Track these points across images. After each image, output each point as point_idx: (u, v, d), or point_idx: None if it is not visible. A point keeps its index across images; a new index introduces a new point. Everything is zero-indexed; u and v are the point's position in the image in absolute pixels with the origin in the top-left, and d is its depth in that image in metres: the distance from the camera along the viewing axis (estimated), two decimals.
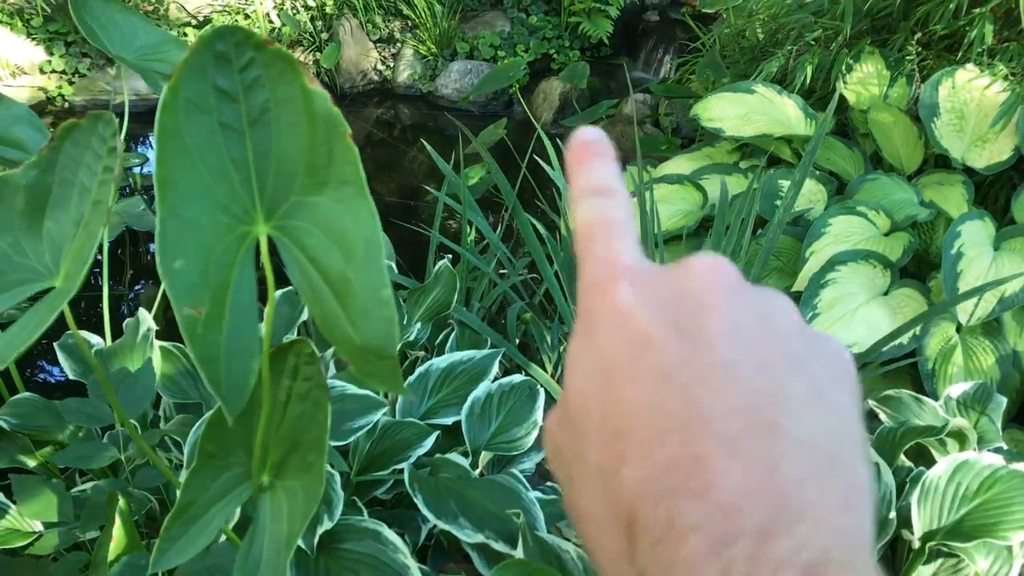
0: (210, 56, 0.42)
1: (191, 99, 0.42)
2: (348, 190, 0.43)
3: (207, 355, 0.40)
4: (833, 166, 2.30)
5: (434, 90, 4.35)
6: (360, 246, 0.42)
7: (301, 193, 0.44)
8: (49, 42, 3.98)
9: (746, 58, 3.19)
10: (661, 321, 0.26)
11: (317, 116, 0.43)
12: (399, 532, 1.17)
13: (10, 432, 1.16)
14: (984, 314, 1.73)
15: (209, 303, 0.40)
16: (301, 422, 0.52)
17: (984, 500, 1.06)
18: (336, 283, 0.42)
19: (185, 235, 0.41)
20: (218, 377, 0.40)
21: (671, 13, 4.85)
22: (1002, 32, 2.35)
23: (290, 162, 0.44)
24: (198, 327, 0.40)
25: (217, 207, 0.43)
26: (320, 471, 0.50)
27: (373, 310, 0.42)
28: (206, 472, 0.54)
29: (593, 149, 0.32)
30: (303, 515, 0.49)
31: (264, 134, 0.44)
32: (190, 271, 0.40)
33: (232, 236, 0.43)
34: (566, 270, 1.86)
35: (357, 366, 0.42)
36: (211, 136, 0.43)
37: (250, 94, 0.43)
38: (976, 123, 2.12)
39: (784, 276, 1.99)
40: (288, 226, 0.44)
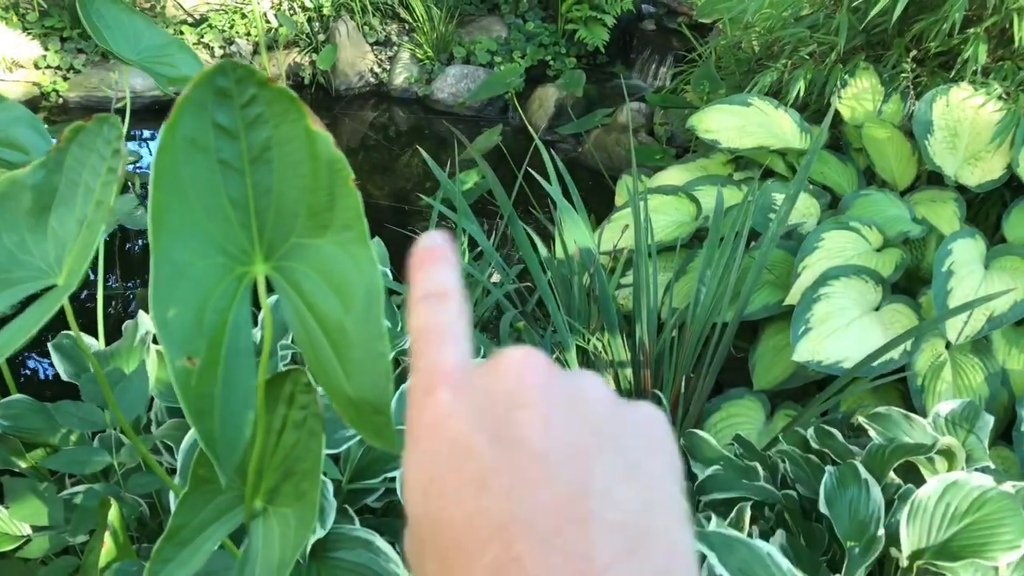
0: (211, 92, 0.42)
1: (189, 137, 0.41)
2: (350, 235, 0.42)
3: (200, 408, 0.39)
4: (826, 180, 2.31)
5: (430, 94, 4.36)
6: (360, 296, 0.41)
7: (301, 235, 0.43)
8: (44, 37, 3.96)
9: (742, 70, 3.20)
10: (478, 426, 0.26)
11: (320, 158, 0.42)
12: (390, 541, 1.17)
13: (1, 434, 1.16)
14: (973, 332, 1.74)
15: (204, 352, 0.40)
16: (296, 451, 0.52)
17: (973, 520, 1.07)
18: (333, 332, 0.42)
19: (179, 281, 0.40)
20: (212, 431, 0.39)
21: (667, 23, 4.87)
22: (996, 51, 2.37)
23: (291, 202, 0.43)
24: (192, 379, 0.39)
25: (214, 248, 0.42)
26: (313, 500, 0.50)
27: (369, 363, 0.41)
28: (198, 496, 0.54)
29: (435, 254, 0.32)
30: (295, 543, 0.49)
31: (265, 172, 0.43)
32: (184, 320, 0.39)
33: (229, 278, 0.42)
34: (560, 279, 1.87)
35: (349, 418, 0.42)
36: (209, 174, 0.42)
37: (251, 131, 0.42)
38: (969, 141, 2.14)
39: (777, 290, 2.00)
40: (286, 267, 0.43)
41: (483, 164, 1.84)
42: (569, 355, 1.80)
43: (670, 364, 1.86)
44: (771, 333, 2.02)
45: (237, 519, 0.55)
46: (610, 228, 2.28)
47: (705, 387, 1.86)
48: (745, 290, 1.83)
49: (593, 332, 1.88)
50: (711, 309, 1.83)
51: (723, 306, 1.83)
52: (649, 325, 1.85)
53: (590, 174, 3.81)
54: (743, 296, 1.83)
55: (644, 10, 4.96)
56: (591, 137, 3.88)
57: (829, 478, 1.22)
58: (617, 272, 2.04)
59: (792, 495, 1.35)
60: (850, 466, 1.23)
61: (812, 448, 1.47)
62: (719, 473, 1.37)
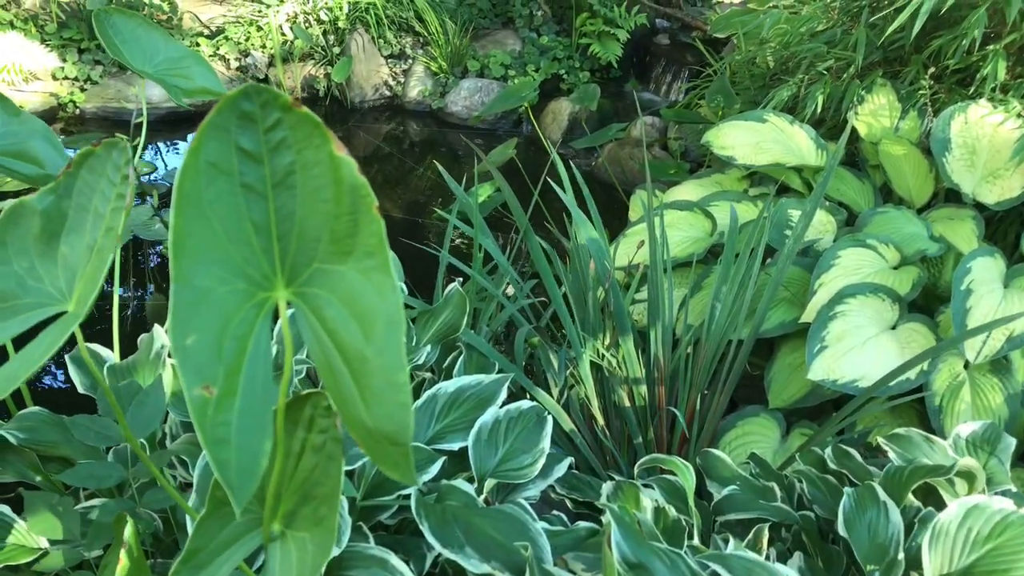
0: (235, 116, 0.41)
1: (212, 161, 0.41)
2: (372, 262, 0.42)
3: (217, 436, 0.39)
4: (843, 197, 2.30)
5: (444, 107, 4.37)
6: (381, 325, 0.41)
7: (324, 260, 0.43)
8: (63, 48, 4.00)
9: (756, 85, 3.20)
10: None
11: (343, 183, 0.42)
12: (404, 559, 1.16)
13: (17, 447, 1.16)
14: (992, 352, 1.73)
15: (222, 380, 0.39)
16: (315, 475, 0.51)
17: (996, 545, 1.05)
18: (353, 360, 0.41)
19: (199, 307, 0.39)
20: (228, 460, 0.39)
21: (682, 37, 4.87)
22: (1015, 68, 2.36)
23: (314, 227, 0.43)
24: (208, 408, 0.39)
25: (235, 273, 0.42)
26: (332, 525, 0.49)
27: (388, 394, 0.40)
28: (216, 519, 0.53)
29: None
30: (313, 567, 0.49)
31: (288, 197, 0.43)
32: (203, 347, 0.39)
33: (250, 304, 0.42)
34: (574, 293, 1.86)
35: (367, 448, 0.41)
36: (232, 198, 0.42)
37: (275, 156, 0.42)
38: (988, 158, 2.13)
39: (793, 307, 1.99)
40: (308, 293, 0.43)
41: (499, 176, 1.84)
42: (583, 370, 1.79)
43: (685, 381, 1.85)
44: (787, 351, 2.00)
45: (254, 542, 0.55)
46: (625, 243, 2.27)
47: (720, 404, 1.85)
48: (761, 307, 1.82)
49: (607, 348, 1.87)
50: (726, 326, 1.82)
51: (739, 323, 1.82)
52: (664, 341, 1.84)
53: (603, 188, 3.80)
54: (759, 313, 1.82)
55: (658, 25, 4.97)
56: (605, 151, 3.88)
57: (848, 500, 1.21)
58: (632, 287, 2.03)
59: (810, 516, 1.34)
60: (869, 488, 1.22)
61: (829, 468, 1.46)
62: (736, 493, 1.36)
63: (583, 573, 1.13)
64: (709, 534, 1.37)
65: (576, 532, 1.22)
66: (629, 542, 0.94)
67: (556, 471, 1.43)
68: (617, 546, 0.93)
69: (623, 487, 1.31)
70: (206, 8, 4.72)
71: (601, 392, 1.90)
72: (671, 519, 1.25)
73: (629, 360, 1.81)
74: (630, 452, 1.90)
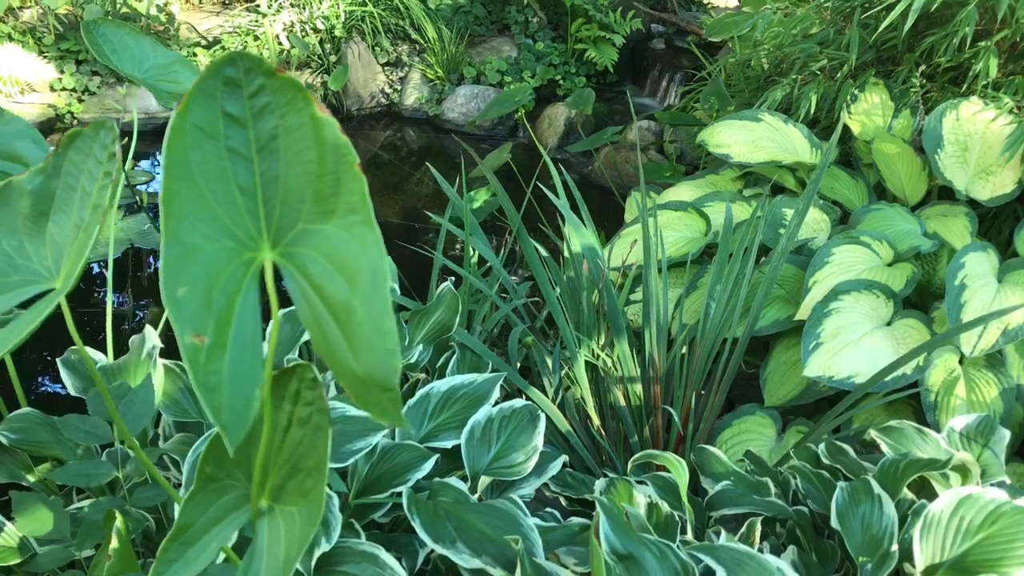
0: (220, 82, 0.43)
1: (199, 124, 0.42)
2: (355, 219, 0.43)
3: (209, 383, 0.40)
4: (837, 195, 2.31)
5: (440, 114, 4.38)
6: (365, 276, 0.42)
7: (308, 221, 0.44)
8: (60, 60, 4.01)
9: (751, 87, 3.21)
10: None
11: (326, 144, 0.43)
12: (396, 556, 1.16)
13: (9, 447, 1.16)
14: (987, 346, 1.73)
15: (212, 331, 0.40)
16: (301, 447, 0.52)
17: (987, 535, 1.05)
18: (339, 312, 0.42)
19: (188, 262, 0.41)
20: (220, 405, 0.40)
21: (677, 42, 4.89)
22: (1007, 65, 2.36)
23: (298, 189, 0.44)
24: (200, 355, 0.40)
25: (223, 232, 0.43)
26: (319, 497, 0.49)
27: (376, 341, 0.41)
28: (204, 494, 0.54)
29: None
30: (301, 540, 0.49)
31: (272, 160, 0.44)
32: (193, 298, 0.40)
33: (238, 262, 0.43)
34: (569, 294, 1.86)
35: (357, 396, 0.42)
36: (218, 161, 0.43)
37: (259, 120, 0.44)
38: (980, 155, 2.13)
39: (787, 305, 1.99)
40: (294, 253, 0.44)
41: (492, 178, 1.85)
42: (578, 371, 1.79)
43: (680, 380, 1.85)
44: (782, 349, 2.00)
45: (243, 518, 0.55)
46: (620, 244, 2.28)
47: (716, 403, 1.85)
48: (755, 305, 1.82)
49: (602, 348, 1.87)
50: (721, 324, 1.82)
51: (733, 321, 1.82)
52: (659, 340, 1.84)
53: (600, 192, 3.81)
54: (753, 311, 1.82)
55: (654, 29, 4.99)
56: (601, 155, 3.89)
57: (841, 493, 1.21)
58: (626, 288, 2.03)
59: (804, 511, 1.34)
60: (863, 482, 1.22)
61: (823, 464, 1.46)
62: (729, 488, 1.36)
63: (575, 567, 1.13)
64: (704, 530, 1.36)
65: (569, 528, 1.22)
66: (618, 534, 0.94)
67: (550, 469, 1.43)
68: (606, 538, 0.93)
69: (616, 483, 1.30)
70: (204, 19, 4.74)
71: (596, 392, 1.90)
72: (664, 514, 1.25)
73: (624, 359, 1.81)
74: (626, 452, 1.90)
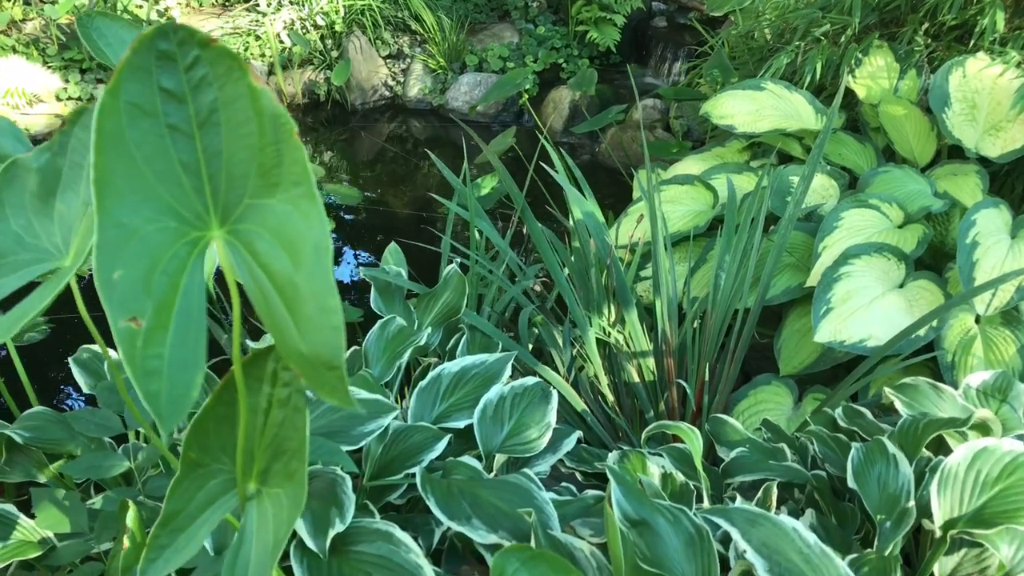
0: (153, 56, 0.41)
1: (134, 102, 0.41)
2: (299, 191, 0.42)
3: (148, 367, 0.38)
4: (845, 161, 2.28)
5: (444, 103, 4.37)
6: (308, 252, 0.41)
7: (254, 196, 0.43)
8: (64, 70, 4.04)
9: (754, 59, 3.18)
10: None
11: (264, 114, 0.42)
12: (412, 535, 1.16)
13: (23, 446, 1.17)
14: (1002, 303, 1.70)
15: (152, 313, 0.39)
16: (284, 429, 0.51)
17: (1006, 486, 1.03)
18: (284, 289, 0.41)
19: (127, 244, 0.39)
20: (158, 392, 0.39)
21: (679, 19, 4.85)
22: (1012, 20, 2.32)
23: (242, 163, 0.43)
24: (138, 339, 0.38)
25: (166, 212, 0.42)
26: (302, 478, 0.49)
27: (320, 318, 0.41)
28: (191, 480, 0.53)
29: None
30: (288, 522, 0.49)
31: (214, 135, 0.43)
32: (130, 281, 0.39)
33: (182, 242, 0.42)
34: (577, 272, 1.86)
35: (306, 375, 0.41)
36: (158, 139, 0.42)
37: (198, 94, 0.42)
38: (989, 112, 2.10)
39: (798, 272, 1.97)
40: (241, 230, 0.43)
41: (496, 161, 1.84)
42: (589, 348, 1.78)
43: (693, 353, 1.84)
44: (795, 317, 1.99)
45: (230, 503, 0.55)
46: (627, 221, 2.26)
47: (730, 374, 1.84)
48: (765, 274, 1.80)
49: (613, 325, 1.86)
50: (732, 295, 1.80)
51: (744, 292, 1.81)
52: (670, 314, 1.83)
53: (608, 173, 3.80)
54: (763, 280, 1.80)
55: (655, 7, 4.95)
56: (607, 136, 3.87)
57: (856, 453, 1.20)
58: (634, 264, 2.02)
59: (822, 475, 1.32)
60: (877, 441, 1.20)
61: (841, 428, 1.44)
62: (744, 455, 1.35)
63: (591, 538, 1.13)
64: (720, 499, 1.36)
65: (584, 500, 1.21)
66: (630, 500, 0.94)
67: (564, 445, 1.42)
68: (618, 504, 0.92)
69: (629, 455, 1.30)
70: (204, 21, 4.75)
71: (610, 369, 1.89)
72: (679, 483, 1.24)
73: (635, 335, 1.80)
74: (642, 428, 1.89)
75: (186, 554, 0.54)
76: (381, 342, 1.51)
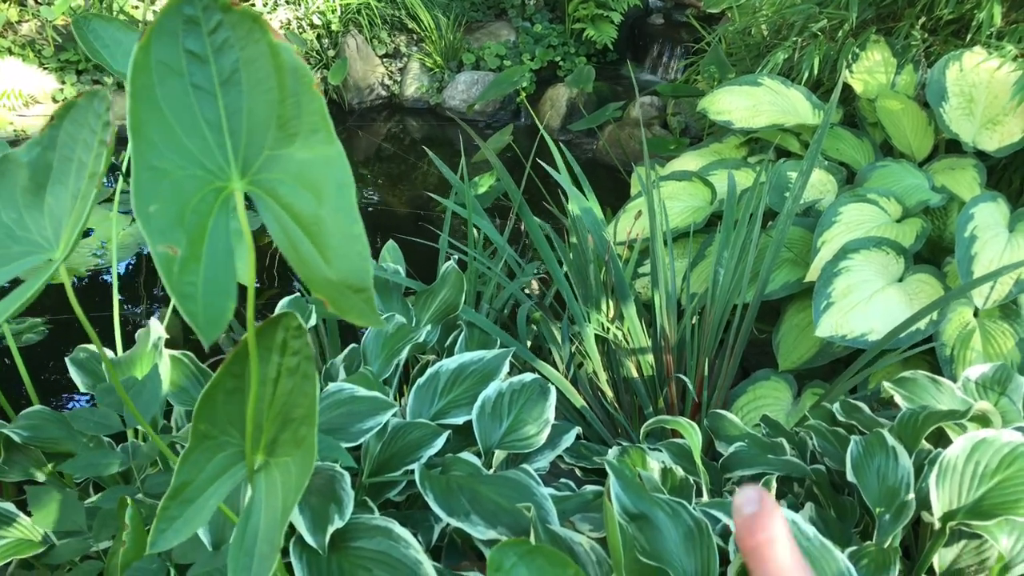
0: (180, 20, 0.43)
1: (163, 61, 0.43)
2: (318, 137, 0.44)
3: (184, 292, 0.41)
4: (843, 156, 2.28)
5: (441, 102, 4.37)
6: (331, 188, 0.43)
7: (274, 147, 0.45)
8: (61, 71, 4.04)
9: (751, 55, 3.18)
10: None
11: (284, 69, 0.44)
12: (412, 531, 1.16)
13: (22, 445, 1.17)
14: (1001, 297, 1.70)
15: (185, 245, 0.41)
16: (292, 397, 0.52)
17: (1004, 477, 1.03)
18: (310, 226, 0.43)
19: (160, 183, 0.42)
20: (196, 311, 0.41)
21: (676, 16, 4.85)
22: (1009, 14, 2.32)
23: (262, 118, 0.45)
24: (174, 265, 0.41)
25: (192, 162, 0.44)
26: (311, 444, 0.50)
27: (346, 247, 0.43)
28: (200, 452, 0.54)
29: None
30: (296, 488, 0.49)
31: (236, 94, 0.45)
32: (165, 214, 0.41)
33: (208, 189, 0.44)
34: (575, 268, 1.85)
35: (334, 303, 0.43)
36: (184, 97, 0.44)
37: (220, 56, 0.44)
38: (986, 106, 2.10)
39: (797, 268, 1.97)
40: (262, 180, 0.45)
41: (493, 158, 1.84)
42: (588, 344, 1.78)
43: (692, 349, 1.84)
44: (793, 312, 1.99)
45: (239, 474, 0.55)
46: (625, 218, 2.26)
47: (729, 370, 1.83)
48: (764, 269, 1.80)
49: (612, 321, 1.86)
50: (730, 291, 1.80)
51: (743, 287, 1.81)
52: (669, 309, 1.83)
53: (607, 171, 3.79)
54: (762, 275, 1.80)
55: (652, 4, 4.95)
56: (605, 134, 3.87)
57: (855, 447, 1.20)
58: (632, 260, 2.02)
59: (821, 469, 1.32)
60: (876, 434, 1.20)
61: (840, 422, 1.44)
62: (743, 449, 1.35)
63: (590, 533, 1.13)
64: (720, 493, 1.35)
65: (583, 496, 1.21)
66: (629, 494, 0.94)
67: (564, 441, 1.42)
68: (617, 498, 0.92)
69: (628, 451, 1.30)
70: None
71: (608, 365, 1.89)
72: (679, 478, 1.24)
73: (633, 330, 1.80)
74: (641, 424, 1.89)
75: (195, 524, 0.55)
76: (379, 339, 1.51)
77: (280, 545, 0.48)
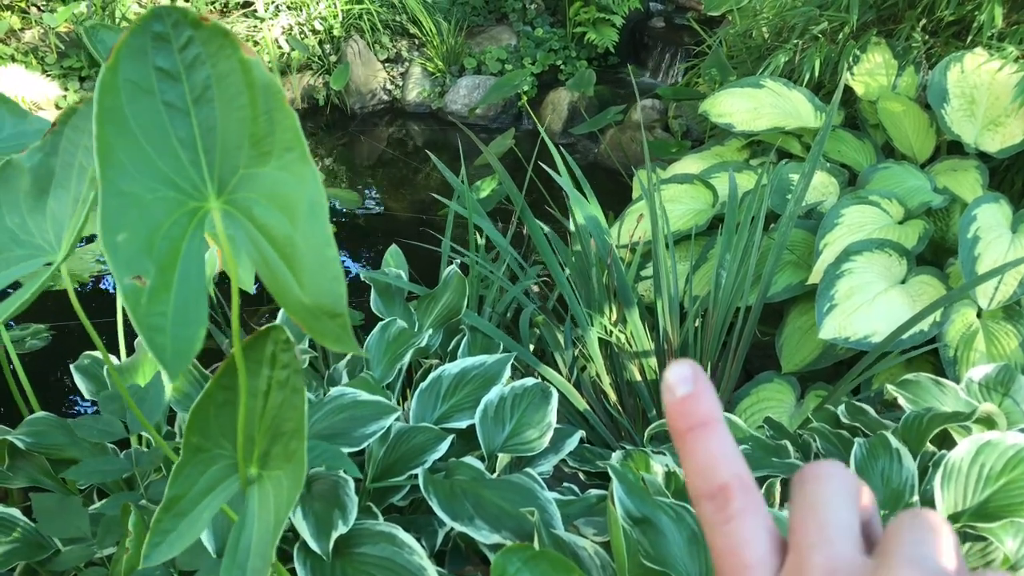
0: (149, 38, 0.43)
1: (132, 80, 0.42)
2: (291, 156, 0.43)
3: (152, 324, 0.40)
4: (844, 158, 2.28)
5: (443, 106, 4.38)
6: (304, 209, 0.42)
7: (248, 166, 0.44)
8: (64, 78, 4.04)
9: (752, 57, 3.18)
10: None
11: (256, 85, 0.43)
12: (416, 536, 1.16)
13: (26, 451, 1.17)
14: (1004, 297, 1.70)
15: (155, 274, 0.40)
16: (282, 410, 0.52)
17: (1010, 480, 1.03)
18: (283, 247, 0.43)
19: (128, 210, 0.41)
20: (164, 345, 0.40)
21: (676, 19, 4.85)
22: (1011, 15, 2.32)
23: (235, 136, 0.44)
24: (142, 298, 0.40)
25: (164, 183, 0.43)
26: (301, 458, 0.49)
27: (319, 269, 0.42)
28: (193, 466, 0.54)
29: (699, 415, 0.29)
30: (288, 502, 0.49)
31: (208, 111, 0.44)
32: (133, 243, 0.40)
33: (181, 211, 0.43)
34: (577, 271, 1.85)
35: (310, 328, 0.43)
36: (155, 115, 0.43)
37: (191, 73, 0.44)
38: (988, 107, 2.10)
39: (799, 270, 1.97)
40: (238, 199, 0.45)
41: (495, 162, 1.84)
42: (591, 348, 1.78)
43: (695, 351, 1.84)
44: (796, 314, 1.98)
45: (233, 487, 0.55)
46: (627, 221, 2.26)
47: (733, 372, 1.83)
48: (766, 272, 1.80)
49: (615, 324, 1.86)
50: (733, 293, 1.80)
51: (745, 290, 1.80)
52: (671, 312, 1.83)
53: (608, 175, 3.79)
54: (764, 278, 1.80)
55: (652, 8, 4.95)
56: (606, 137, 3.87)
57: (859, 449, 1.19)
58: (635, 263, 2.02)
59: None
60: (880, 436, 1.20)
61: (844, 424, 1.44)
62: (746, 452, 1.34)
63: (594, 537, 1.13)
64: None
65: (587, 500, 1.21)
66: (632, 497, 0.94)
67: (567, 445, 1.42)
68: (620, 502, 0.92)
69: (632, 454, 1.30)
70: None
71: (612, 368, 1.89)
72: (683, 481, 1.24)
73: (636, 333, 1.80)
74: (645, 427, 1.89)
75: (189, 538, 0.55)
76: (382, 344, 1.51)
77: (272, 559, 0.48)
